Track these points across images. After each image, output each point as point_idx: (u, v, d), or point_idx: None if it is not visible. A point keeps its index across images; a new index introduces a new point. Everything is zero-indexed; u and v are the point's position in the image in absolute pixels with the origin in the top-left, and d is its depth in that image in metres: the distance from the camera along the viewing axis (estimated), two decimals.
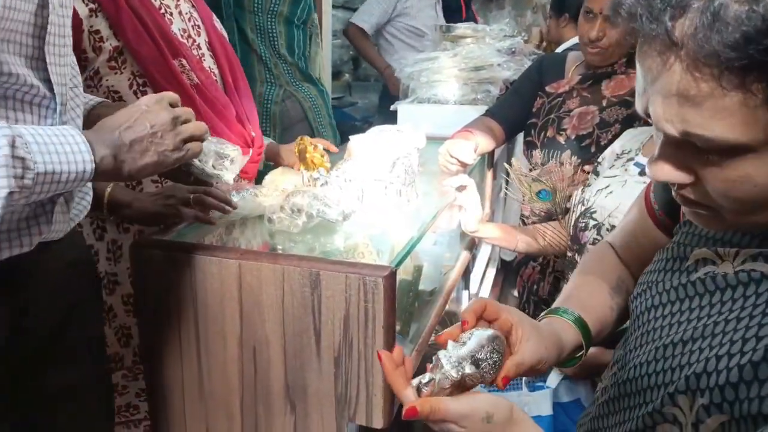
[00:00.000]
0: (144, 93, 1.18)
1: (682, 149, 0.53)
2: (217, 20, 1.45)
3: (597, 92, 1.59)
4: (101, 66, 1.16)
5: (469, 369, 0.66)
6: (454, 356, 0.67)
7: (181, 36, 1.27)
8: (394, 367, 0.69)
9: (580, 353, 0.80)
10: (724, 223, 0.55)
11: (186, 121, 0.84)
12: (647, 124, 1.43)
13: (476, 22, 3.58)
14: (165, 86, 1.18)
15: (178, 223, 1.11)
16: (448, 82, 2.16)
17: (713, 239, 0.63)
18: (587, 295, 0.84)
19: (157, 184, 1.27)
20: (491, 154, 1.88)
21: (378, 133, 1.50)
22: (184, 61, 1.24)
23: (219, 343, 0.99)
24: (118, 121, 0.78)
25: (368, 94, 4.26)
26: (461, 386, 0.67)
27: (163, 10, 1.25)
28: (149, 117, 0.79)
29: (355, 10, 4.26)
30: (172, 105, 0.84)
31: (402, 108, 2.17)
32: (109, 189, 1.14)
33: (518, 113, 1.75)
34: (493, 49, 2.23)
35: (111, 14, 1.14)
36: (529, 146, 1.70)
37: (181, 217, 1.10)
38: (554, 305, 0.83)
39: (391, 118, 2.14)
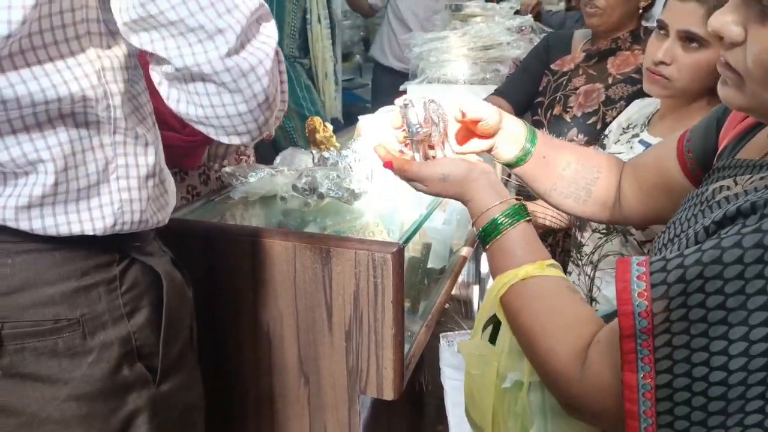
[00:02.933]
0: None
1: (746, 4, 0.55)
2: None
3: (603, 70, 1.59)
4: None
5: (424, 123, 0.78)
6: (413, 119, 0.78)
7: None
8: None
9: (525, 152, 0.85)
10: (744, 98, 0.58)
11: None
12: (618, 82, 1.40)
13: None
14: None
15: (193, 202, 1.14)
16: (458, 62, 2.15)
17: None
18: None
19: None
20: None
21: (387, 112, 1.51)
22: None
23: (232, 318, 1.02)
24: None
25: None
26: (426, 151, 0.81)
27: None
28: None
29: None
30: None
31: (411, 88, 2.16)
32: None
33: (527, 92, 1.74)
34: (503, 27, 2.21)
35: None
36: (536, 125, 1.70)
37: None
38: None
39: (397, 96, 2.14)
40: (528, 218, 0.72)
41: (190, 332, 0.84)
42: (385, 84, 3.05)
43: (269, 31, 0.68)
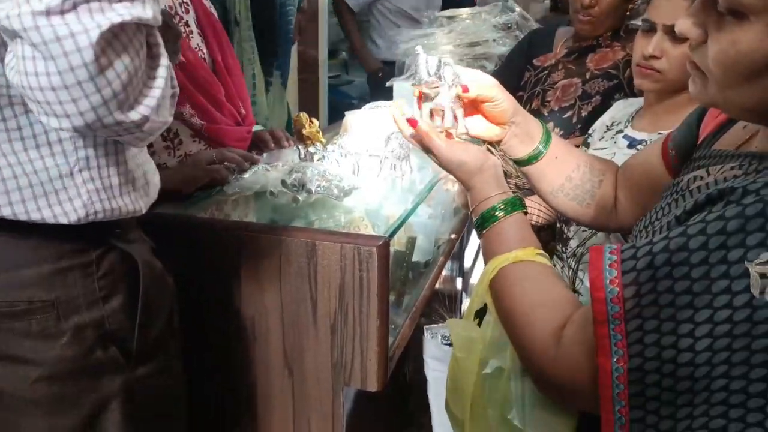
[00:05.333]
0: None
1: (705, 10, 0.59)
2: None
3: (581, 65, 1.61)
4: None
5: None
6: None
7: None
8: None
9: (538, 152, 0.88)
10: (708, 94, 0.62)
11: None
12: (629, 96, 1.44)
13: (474, 2, 3.58)
14: None
15: (186, 197, 1.15)
16: (444, 58, 2.17)
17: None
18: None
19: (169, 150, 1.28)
20: None
21: (372, 108, 1.52)
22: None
23: (219, 312, 1.03)
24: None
25: (364, 72, 4.25)
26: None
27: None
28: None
29: None
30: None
31: (398, 85, 2.16)
32: None
33: (509, 86, 1.75)
34: (489, 24, 2.23)
35: None
36: None
37: (217, 178, 1.17)
38: None
39: (387, 95, 2.15)
40: (524, 210, 0.76)
41: (169, 319, 0.85)
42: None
43: (124, 8, 0.59)
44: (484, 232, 0.76)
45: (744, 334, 0.49)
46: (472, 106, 0.86)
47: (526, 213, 0.76)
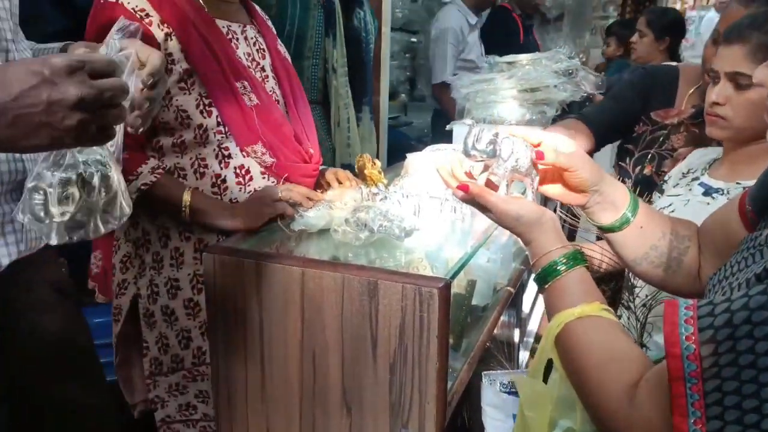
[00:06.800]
0: (209, 113, 1.27)
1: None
2: (281, 44, 1.54)
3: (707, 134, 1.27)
4: (172, 86, 1.25)
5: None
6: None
7: (246, 59, 1.37)
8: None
9: (623, 221, 0.86)
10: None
11: (108, 101, 0.63)
12: (718, 145, 1.36)
13: (537, 47, 3.62)
14: (226, 106, 1.27)
15: (251, 232, 1.19)
16: (504, 103, 2.19)
17: None
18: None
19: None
20: None
21: (434, 150, 1.54)
22: (246, 83, 1.33)
23: (281, 346, 1.05)
24: (7, 83, 0.60)
25: (423, 114, 4.33)
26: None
27: (230, 36, 1.35)
28: (50, 90, 0.60)
29: (413, 32, 4.36)
30: (103, 73, 0.64)
31: (457, 128, 2.20)
32: (188, 197, 1.24)
33: (612, 123, 1.61)
34: (550, 70, 2.25)
35: (182, 39, 1.24)
36: (621, 172, 1.59)
37: (283, 214, 1.24)
38: None
39: (446, 137, 2.19)
40: (586, 264, 0.76)
41: None
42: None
43: None
44: (546, 286, 0.76)
45: None
46: (553, 173, 0.85)
47: (588, 267, 0.76)
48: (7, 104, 0.59)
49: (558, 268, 0.74)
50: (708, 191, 1.15)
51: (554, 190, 0.87)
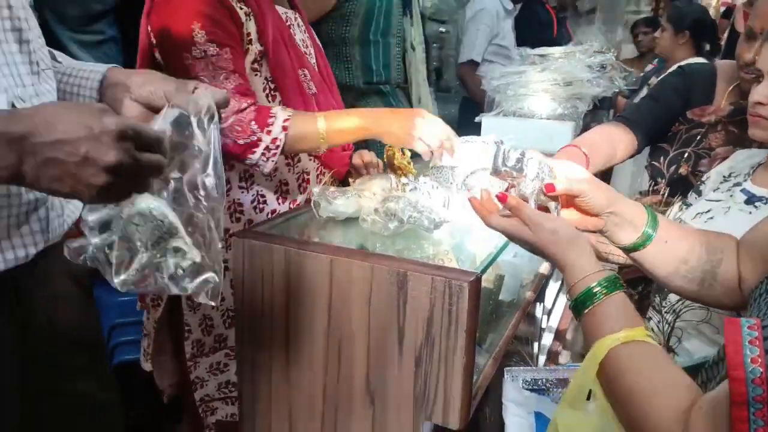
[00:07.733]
0: (274, 97, 1.27)
1: None
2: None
3: (747, 131, 1.20)
4: (246, 66, 1.24)
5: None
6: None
7: (302, 46, 1.36)
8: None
9: (645, 238, 0.85)
10: None
11: (141, 173, 0.63)
12: (761, 146, 1.28)
13: (570, 39, 3.56)
14: (290, 93, 1.27)
15: (278, 218, 1.19)
16: (535, 96, 2.16)
17: None
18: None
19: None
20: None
21: (464, 142, 1.52)
22: (306, 72, 1.33)
23: (307, 333, 1.05)
24: (51, 126, 0.58)
25: (449, 105, 4.28)
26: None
27: (288, 23, 1.35)
28: (91, 146, 0.59)
29: (442, 21, 4.30)
30: (149, 147, 0.63)
31: (486, 120, 2.18)
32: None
33: (658, 124, 1.53)
34: (583, 65, 2.20)
35: (258, 20, 1.23)
36: (654, 171, 1.54)
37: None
38: None
39: (474, 129, 2.16)
40: (624, 289, 0.74)
41: None
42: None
43: None
44: (586, 311, 0.74)
45: None
46: (565, 200, 0.86)
47: (626, 292, 0.75)
48: (44, 146, 0.58)
49: (597, 293, 0.73)
50: (751, 199, 1.10)
51: (571, 215, 0.87)
